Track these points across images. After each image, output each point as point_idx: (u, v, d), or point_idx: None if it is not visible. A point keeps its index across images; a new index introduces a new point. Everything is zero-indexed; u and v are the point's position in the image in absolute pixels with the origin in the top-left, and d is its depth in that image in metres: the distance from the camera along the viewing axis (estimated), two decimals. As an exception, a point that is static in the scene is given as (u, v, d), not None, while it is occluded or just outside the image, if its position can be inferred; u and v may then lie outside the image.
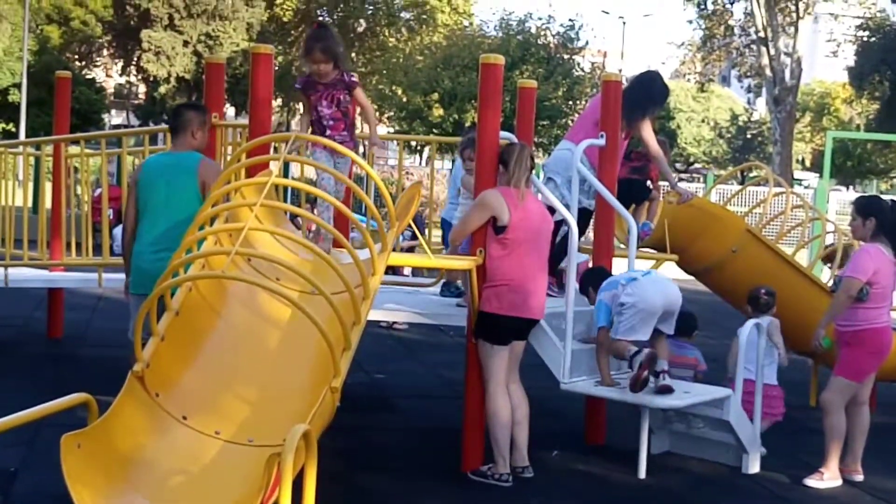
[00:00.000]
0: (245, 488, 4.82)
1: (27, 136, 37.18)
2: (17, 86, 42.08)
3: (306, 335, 5.35)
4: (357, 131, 7.20)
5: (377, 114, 44.90)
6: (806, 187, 36.67)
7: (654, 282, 6.82)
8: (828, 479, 6.97)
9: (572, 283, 6.88)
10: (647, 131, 8.01)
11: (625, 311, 6.69)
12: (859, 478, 7.13)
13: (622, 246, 8.27)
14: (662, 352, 6.89)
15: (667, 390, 6.74)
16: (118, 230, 12.35)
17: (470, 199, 7.05)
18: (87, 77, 48.45)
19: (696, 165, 59.32)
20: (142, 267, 6.47)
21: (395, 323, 11.47)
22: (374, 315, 7.02)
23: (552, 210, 7.09)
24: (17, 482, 5.95)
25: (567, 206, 7.26)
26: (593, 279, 7.24)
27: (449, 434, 7.20)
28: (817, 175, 39.67)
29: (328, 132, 6.55)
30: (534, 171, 6.73)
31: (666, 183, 8.74)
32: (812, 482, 6.95)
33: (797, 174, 48.93)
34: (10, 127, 44.32)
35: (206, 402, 5.21)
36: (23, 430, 5.09)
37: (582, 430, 7.75)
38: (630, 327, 6.68)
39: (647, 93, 8.15)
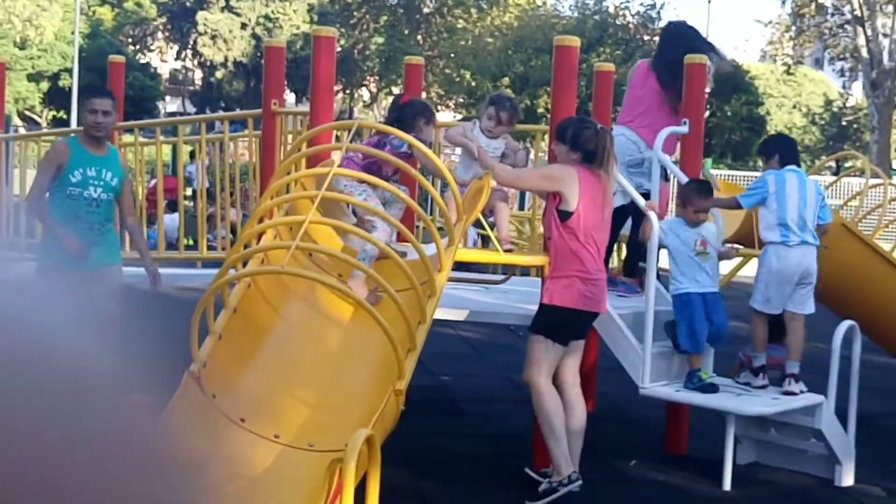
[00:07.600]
0: (304, 495, 4.86)
1: (79, 125, 37.54)
2: (69, 71, 42.62)
3: (369, 334, 5.38)
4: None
5: (443, 98, 45.09)
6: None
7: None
8: (929, 493, 6.86)
9: (653, 281, 6.83)
10: None
11: (760, 278, 6.80)
12: (963, 492, 7.00)
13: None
14: (796, 340, 6.97)
15: (790, 395, 6.93)
16: (170, 218, 12.50)
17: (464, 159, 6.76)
18: (141, 62, 49.05)
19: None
20: None
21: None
22: (441, 314, 7.03)
23: None
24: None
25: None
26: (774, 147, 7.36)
27: (520, 441, 7.19)
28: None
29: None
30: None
31: None
32: (911, 497, 6.85)
33: (896, 164, 48.06)
34: (62, 114, 44.84)
35: (264, 404, 5.25)
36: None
37: (662, 439, 7.71)
38: (766, 299, 6.76)
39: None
